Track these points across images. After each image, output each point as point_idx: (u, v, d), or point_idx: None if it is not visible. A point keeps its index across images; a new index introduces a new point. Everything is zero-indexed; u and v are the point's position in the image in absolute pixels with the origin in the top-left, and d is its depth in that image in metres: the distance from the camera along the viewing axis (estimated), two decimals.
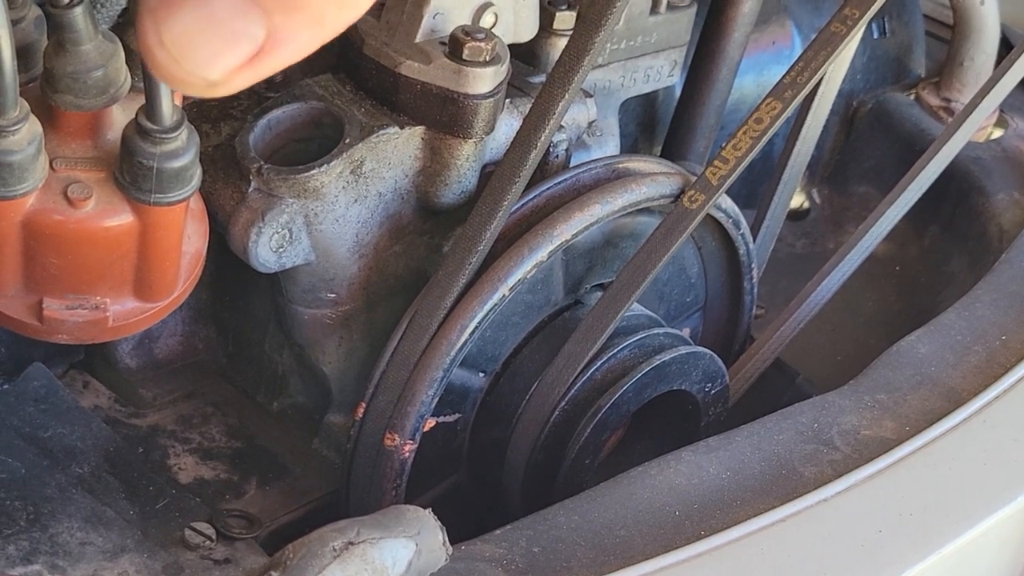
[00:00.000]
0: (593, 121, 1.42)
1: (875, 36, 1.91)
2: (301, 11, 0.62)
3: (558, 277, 1.36)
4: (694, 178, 1.38)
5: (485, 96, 1.26)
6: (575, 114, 1.39)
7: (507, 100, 1.33)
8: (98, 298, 1.11)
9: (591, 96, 1.41)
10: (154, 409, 1.43)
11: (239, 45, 0.62)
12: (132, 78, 1.07)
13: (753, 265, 1.52)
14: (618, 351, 1.36)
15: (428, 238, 1.34)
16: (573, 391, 1.34)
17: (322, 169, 1.24)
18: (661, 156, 1.65)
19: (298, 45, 0.64)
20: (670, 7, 1.53)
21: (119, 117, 1.08)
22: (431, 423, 1.30)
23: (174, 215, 1.09)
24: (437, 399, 1.27)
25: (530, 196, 1.32)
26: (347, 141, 1.25)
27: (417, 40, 1.27)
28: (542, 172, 1.37)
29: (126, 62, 1.07)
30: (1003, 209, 1.74)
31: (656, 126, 1.69)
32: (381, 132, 1.26)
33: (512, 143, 1.22)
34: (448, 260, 1.24)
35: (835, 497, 1.24)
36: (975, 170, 1.78)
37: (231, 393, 1.46)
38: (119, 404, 1.42)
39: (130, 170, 1.05)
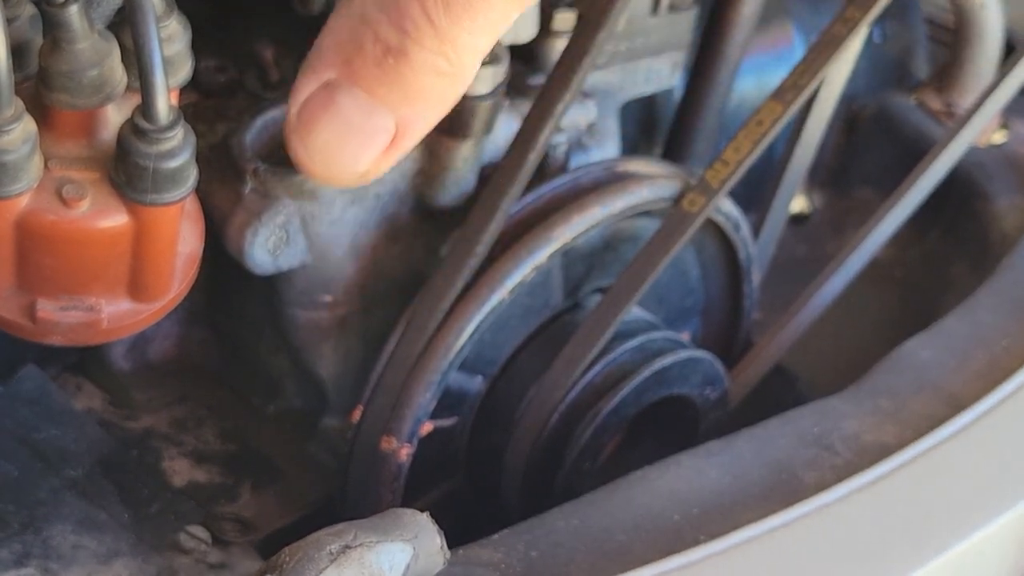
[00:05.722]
0: (592, 123, 1.41)
1: (876, 39, 1.91)
2: (422, 99, 0.75)
3: (557, 280, 1.35)
4: (694, 181, 1.37)
5: (484, 97, 1.25)
6: (574, 116, 1.38)
7: (506, 101, 1.32)
8: (93, 299, 1.10)
9: (591, 97, 1.41)
10: (148, 412, 1.42)
11: (375, 140, 0.76)
12: (128, 77, 1.07)
13: (753, 269, 1.51)
14: (617, 355, 1.35)
15: (426, 240, 1.33)
16: (572, 395, 1.33)
17: None
18: (661, 158, 1.64)
19: (426, 123, 0.78)
20: (671, 8, 1.52)
21: (114, 117, 1.07)
22: (428, 427, 1.29)
23: (170, 216, 1.08)
24: (435, 403, 1.26)
25: (529, 198, 1.31)
26: None
27: None
28: (541, 174, 1.36)
29: (121, 61, 1.06)
30: (1005, 214, 1.74)
31: (656, 128, 1.68)
32: None
33: (511, 144, 1.22)
34: (446, 263, 1.24)
35: (836, 503, 1.23)
36: (977, 175, 1.77)
37: (226, 396, 1.45)
38: (113, 406, 1.41)
39: (126, 170, 1.04)
